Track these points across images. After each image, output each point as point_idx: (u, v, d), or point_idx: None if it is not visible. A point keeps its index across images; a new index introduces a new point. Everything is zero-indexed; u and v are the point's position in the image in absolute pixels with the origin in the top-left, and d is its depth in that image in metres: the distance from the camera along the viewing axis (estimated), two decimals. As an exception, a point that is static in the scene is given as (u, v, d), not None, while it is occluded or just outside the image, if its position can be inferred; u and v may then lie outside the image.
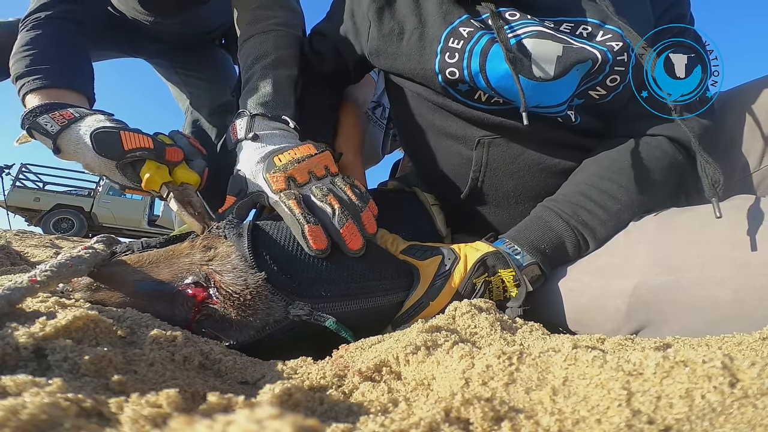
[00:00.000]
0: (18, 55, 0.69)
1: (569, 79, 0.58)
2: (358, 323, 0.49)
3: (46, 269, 0.40)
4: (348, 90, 0.91)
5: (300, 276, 0.48)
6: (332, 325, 0.45)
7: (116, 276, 0.47)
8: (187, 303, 0.45)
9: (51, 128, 0.58)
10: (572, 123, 0.62)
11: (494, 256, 0.54)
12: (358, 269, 0.51)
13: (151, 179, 0.58)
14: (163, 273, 0.47)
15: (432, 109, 0.68)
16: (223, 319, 0.45)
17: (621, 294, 0.50)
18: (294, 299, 0.46)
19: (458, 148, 0.68)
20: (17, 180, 8.30)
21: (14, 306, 0.35)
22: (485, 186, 0.68)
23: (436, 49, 0.61)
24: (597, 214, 0.57)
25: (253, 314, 0.45)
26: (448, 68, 0.60)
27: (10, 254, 0.93)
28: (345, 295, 0.49)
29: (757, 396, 0.22)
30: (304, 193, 0.55)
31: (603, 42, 0.58)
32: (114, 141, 0.57)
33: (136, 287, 0.46)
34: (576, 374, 0.27)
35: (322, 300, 0.48)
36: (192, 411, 0.26)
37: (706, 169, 0.50)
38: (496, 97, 0.60)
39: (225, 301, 0.45)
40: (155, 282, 0.46)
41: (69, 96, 0.67)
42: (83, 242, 2.23)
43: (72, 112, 0.60)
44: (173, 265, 0.48)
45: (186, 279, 0.46)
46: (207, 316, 0.45)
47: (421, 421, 0.24)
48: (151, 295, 0.45)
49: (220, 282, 0.45)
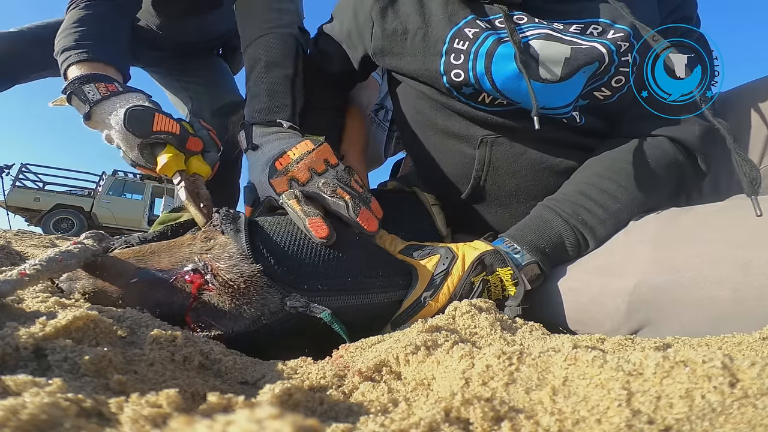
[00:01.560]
0: (66, 31, 0.74)
1: (575, 81, 0.58)
2: (353, 319, 0.49)
3: (35, 263, 0.41)
4: (352, 93, 0.91)
5: (297, 269, 0.49)
6: (327, 317, 0.46)
7: (117, 264, 0.48)
8: (185, 289, 0.46)
9: (92, 96, 0.63)
10: (577, 123, 0.62)
11: (492, 255, 0.54)
12: (355, 265, 0.52)
13: (167, 165, 0.61)
14: (163, 261, 0.48)
15: (435, 108, 0.69)
16: (218, 307, 0.46)
17: (621, 293, 0.50)
18: (290, 291, 0.47)
19: (461, 147, 0.68)
20: (17, 180, 8.30)
21: (4, 297, 0.35)
22: (488, 185, 0.68)
23: (441, 50, 0.61)
24: (597, 213, 0.57)
25: (248, 303, 0.46)
26: (453, 70, 0.60)
27: (10, 254, 0.93)
28: (341, 290, 0.50)
29: (757, 396, 0.22)
30: (311, 191, 0.58)
31: (613, 40, 0.58)
32: (145, 120, 0.61)
33: (136, 274, 0.46)
34: (576, 374, 0.27)
35: (318, 293, 0.49)
36: (192, 411, 0.26)
37: (743, 168, 0.49)
38: (500, 98, 0.60)
39: (220, 288, 0.46)
40: (155, 270, 0.47)
41: (109, 70, 0.70)
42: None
43: (117, 86, 0.65)
44: (174, 254, 0.49)
45: (185, 266, 0.47)
46: (203, 303, 0.46)
47: (421, 421, 0.24)
48: (151, 282, 0.46)
49: (217, 269, 0.46)
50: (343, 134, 0.82)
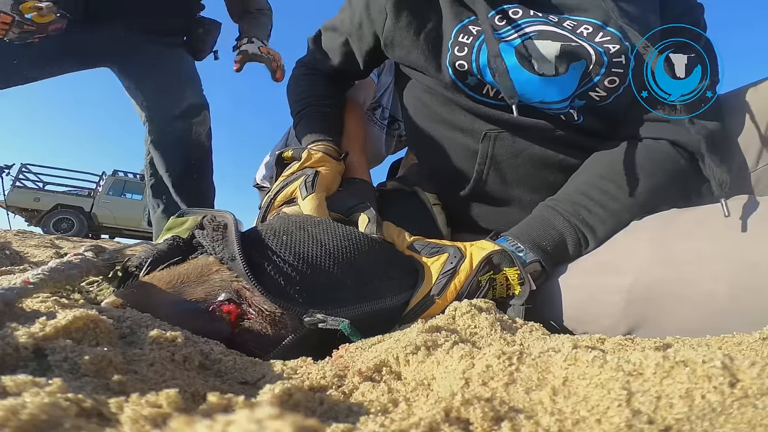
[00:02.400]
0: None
1: (569, 77, 0.59)
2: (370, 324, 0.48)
3: (38, 272, 0.42)
4: (349, 92, 0.92)
5: (310, 284, 0.48)
6: (346, 329, 0.44)
7: (151, 298, 0.46)
8: (224, 320, 0.46)
9: None
10: (575, 121, 0.63)
11: (500, 255, 0.54)
12: (368, 271, 0.51)
13: None
14: (196, 292, 0.47)
15: (441, 101, 0.70)
16: (260, 333, 0.46)
17: (619, 289, 0.50)
18: (307, 308, 0.46)
19: (465, 140, 0.69)
20: (17, 180, 8.30)
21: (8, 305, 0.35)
22: (489, 179, 0.69)
23: (447, 44, 0.64)
24: (597, 213, 0.57)
25: (284, 328, 0.46)
26: (457, 61, 0.62)
27: (10, 254, 0.94)
28: (356, 298, 0.49)
29: (757, 396, 0.22)
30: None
31: (600, 43, 0.59)
32: None
33: (173, 309, 0.46)
34: (576, 374, 0.27)
35: (334, 305, 0.48)
36: (192, 411, 0.26)
37: (714, 171, 0.52)
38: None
39: (258, 317, 0.46)
40: (190, 302, 0.46)
41: None
42: (83, 242, 2.22)
43: None
44: (205, 282, 0.48)
45: (219, 296, 0.47)
46: (245, 331, 0.46)
47: (421, 421, 0.24)
48: (189, 315, 0.45)
49: (251, 299, 0.46)
50: (342, 131, 0.83)
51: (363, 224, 0.58)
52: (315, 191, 0.62)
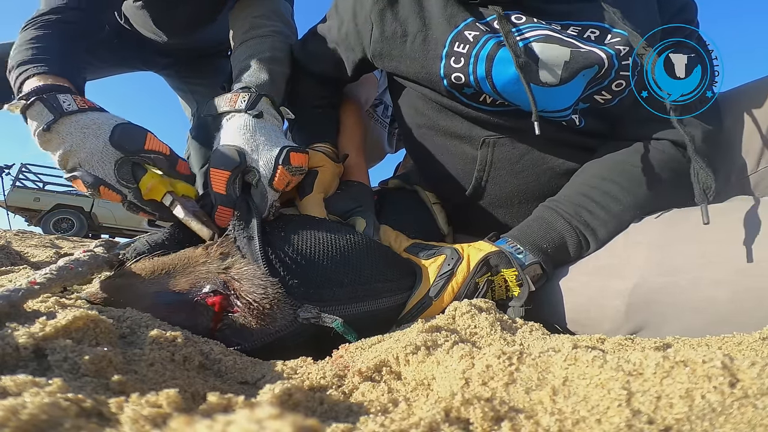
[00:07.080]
0: (22, 47, 0.69)
1: (575, 84, 0.58)
2: (365, 325, 0.49)
3: (46, 272, 0.41)
4: (349, 88, 0.90)
5: (308, 279, 0.48)
6: (339, 327, 0.45)
7: (133, 288, 0.47)
8: (208, 312, 0.45)
9: (68, 106, 0.57)
10: (576, 126, 0.62)
11: (497, 256, 0.54)
12: (364, 271, 0.51)
13: (155, 187, 0.57)
14: (180, 283, 0.47)
15: (436, 109, 0.68)
16: (244, 327, 0.45)
17: (620, 294, 0.50)
18: (303, 303, 0.46)
19: (463, 147, 0.68)
20: (17, 180, 8.29)
21: (14, 307, 0.35)
22: (489, 185, 0.68)
23: (441, 53, 0.61)
24: (598, 214, 0.57)
25: (272, 322, 0.45)
26: (453, 73, 0.60)
27: (10, 254, 0.94)
28: (352, 298, 0.49)
29: (757, 396, 0.22)
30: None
31: (611, 45, 0.58)
32: (138, 137, 0.57)
33: (155, 299, 0.45)
34: (576, 374, 0.27)
35: (329, 303, 0.48)
36: (192, 411, 0.26)
37: (699, 175, 0.51)
38: (500, 100, 0.60)
39: (245, 310, 0.45)
40: (174, 293, 0.46)
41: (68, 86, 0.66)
42: (83, 242, 2.21)
43: (95, 104, 0.60)
44: (190, 274, 0.47)
45: (204, 288, 0.46)
46: (228, 324, 0.45)
47: (421, 421, 0.24)
48: (171, 306, 0.45)
49: (240, 290, 0.46)
50: (339, 130, 0.82)
51: (360, 228, 0.59)
52: (313, 192, 0.61)
